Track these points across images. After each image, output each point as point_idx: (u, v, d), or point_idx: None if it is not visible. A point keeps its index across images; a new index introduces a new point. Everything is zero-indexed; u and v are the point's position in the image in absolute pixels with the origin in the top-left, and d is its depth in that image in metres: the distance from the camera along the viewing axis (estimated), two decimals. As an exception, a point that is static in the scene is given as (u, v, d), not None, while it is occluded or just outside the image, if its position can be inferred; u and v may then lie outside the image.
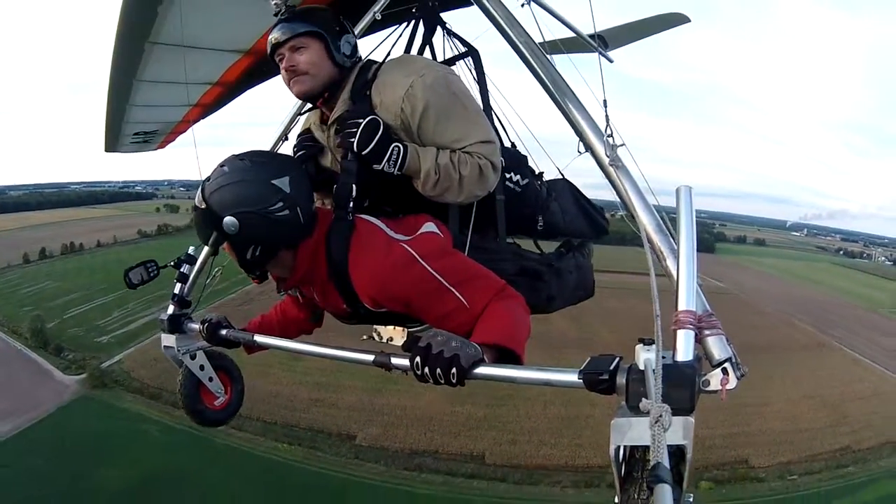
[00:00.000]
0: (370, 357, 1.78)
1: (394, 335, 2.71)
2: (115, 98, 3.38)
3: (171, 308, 2.68)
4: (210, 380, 2.71)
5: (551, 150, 2.73)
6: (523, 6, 2.36)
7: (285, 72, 2.04)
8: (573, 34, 3.01)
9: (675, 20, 4.19)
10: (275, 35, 2.02)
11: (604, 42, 3.41)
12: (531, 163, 2.59)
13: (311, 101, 2.12)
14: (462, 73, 2.54)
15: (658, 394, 1.25)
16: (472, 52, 2.69)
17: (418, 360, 1.56)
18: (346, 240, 1.87)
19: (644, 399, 1.28)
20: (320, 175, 2.19)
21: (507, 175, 2.30)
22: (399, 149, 1.89)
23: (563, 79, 2.03)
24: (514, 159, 2.48)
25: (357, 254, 1.85)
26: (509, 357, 1.67)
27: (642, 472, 1.41)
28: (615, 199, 1.90)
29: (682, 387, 1.36)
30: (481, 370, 1.55)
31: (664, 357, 1.37)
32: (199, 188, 1.87)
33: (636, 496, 1.38)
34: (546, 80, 2.02)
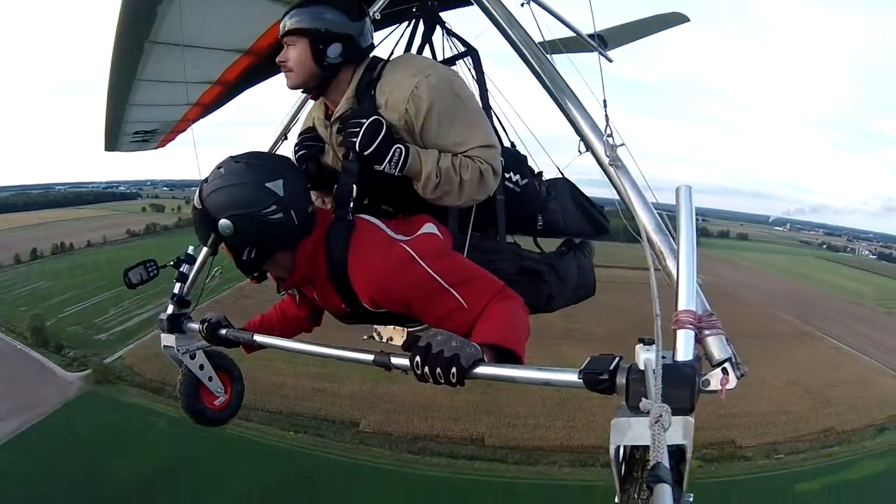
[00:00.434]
0: (370, 357, 1.78)
1: (394, 335, 2.70)
2: (115, 97, 3.38)
3: (171, 308, 2.68)
4: (210, 379, 2.71)
5: (550, 148, 2.74)
6: (523, 6, 2.36)
7: (279, 62, 2.06)
8: (573, 34, 3.01)
9: (675, 20, 4.20)
10: (282, 23, 2.04)
11: (603, 42, 3.40)
12: (531, 162, 2.59)
13: (304, 93, 2.12)
14: (462, 72, 2.54)
15: (658, 394, 1.25)
16: (471, 51, 2.68)
17: (418, 359, 1.56)
18: (345, 240, 1.87)
19: (644, 399, 1.29)
20: (320, 174, 2.19)
21: (507, 175, 2.31)
22: (401, 150, 1.89)
23: (562, 78, 2.03)
24: (514, 159, 2.48)
25: (357, 254, 1.85)
26: (509, 357, 1.67)
27: (642, 472, 1.40)
28: (613, 196, 1.90)
29: (682, 387, 1.36)
30: (481, 370, 1.55)
31: (664, 357, 1.37)
32: (198, 189, 1.89)
33: (636, 496, 1.38)
34: (546, 79, 2.02)
